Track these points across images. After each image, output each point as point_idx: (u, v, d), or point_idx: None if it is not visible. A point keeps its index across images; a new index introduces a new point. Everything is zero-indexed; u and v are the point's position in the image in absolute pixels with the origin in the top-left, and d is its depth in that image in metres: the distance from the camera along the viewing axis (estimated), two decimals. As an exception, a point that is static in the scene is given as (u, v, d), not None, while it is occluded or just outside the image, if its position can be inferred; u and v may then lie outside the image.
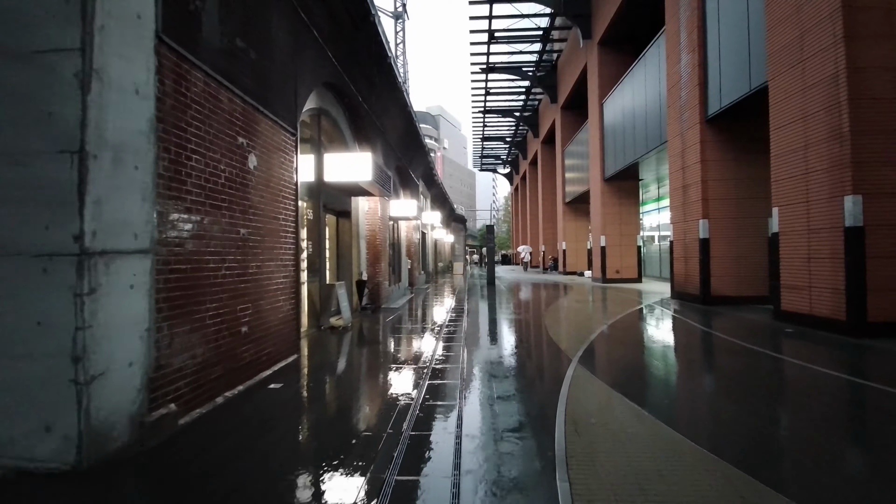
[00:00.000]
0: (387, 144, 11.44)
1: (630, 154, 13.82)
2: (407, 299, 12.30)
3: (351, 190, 8.34)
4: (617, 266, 16.43)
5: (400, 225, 16.00)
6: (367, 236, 10.40)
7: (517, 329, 7.29)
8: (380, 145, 10.58)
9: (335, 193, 8.33)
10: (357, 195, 9.30)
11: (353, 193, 8.99)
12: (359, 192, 8.64)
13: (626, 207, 16.54)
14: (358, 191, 8.42)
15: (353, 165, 7.29)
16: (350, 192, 8.77)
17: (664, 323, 7.56)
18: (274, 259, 4.78)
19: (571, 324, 7.49)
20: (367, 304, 9.75)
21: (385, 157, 11.25)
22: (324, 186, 7.56)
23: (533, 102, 30.87)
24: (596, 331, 6.70)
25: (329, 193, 8.03)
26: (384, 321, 8.30)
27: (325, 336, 6.79)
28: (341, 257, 9.18)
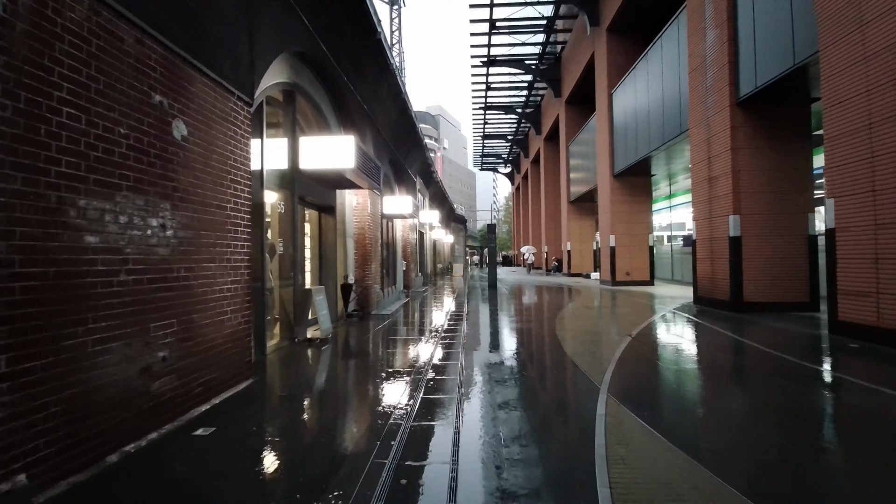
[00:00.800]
0: (378, 135, 10.39)
1: (643, 147, 12.76)
2: (401, 304, 11.23)
3: (333, 180, 7.27)
4: (627, 268, 15.36)
5: (395, 224, 14.94)
6: (356, 235, 9.34)
7: (525, 343, 6.21)
8: (370, 134, 9.53)
9: (315, 185, 7.28)
10: (342, 187, 8.23)
11: (338, 185, 7.93)
12: (343, 183, 7.58)
13: (636, 205, 15.48)
14: (341, 182, 7.36)
15: (334, 151, 6.22)
16: (333, 184, 7.71)
17: (699, 335, 6.48)
18: (216, 260, 3.71)
19: (589, 336, 6.41)
20: (355, 310, 8.68)
21: (377, 148, 10.20)
22: (300, 176, 6.50)
23: (535, 98, 29.84)
24: (620, 346, 5.62)
25: (307, 185, 6.97)
26: (372, 331, 7.23)
27: (299, 351, 5.72)
28: (324, 258, 8.11)
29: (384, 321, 8.31)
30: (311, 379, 4.54)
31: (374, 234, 9.85)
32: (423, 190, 21.56)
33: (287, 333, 6.21)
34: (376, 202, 10.15)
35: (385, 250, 13.17)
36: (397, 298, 12.18)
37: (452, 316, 8.86)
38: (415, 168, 17.07)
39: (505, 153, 43.69)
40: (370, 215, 9.51)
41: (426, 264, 22.56)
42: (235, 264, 4.00)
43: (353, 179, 7.14)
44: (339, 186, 8.07)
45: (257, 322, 5.02)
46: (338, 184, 7.68)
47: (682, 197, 17.32)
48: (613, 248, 15.45)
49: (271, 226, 6.40)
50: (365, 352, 5.76)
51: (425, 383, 4.12)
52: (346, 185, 7.95)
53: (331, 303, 8.02)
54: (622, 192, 15.46)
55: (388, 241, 13.53)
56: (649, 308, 9.36)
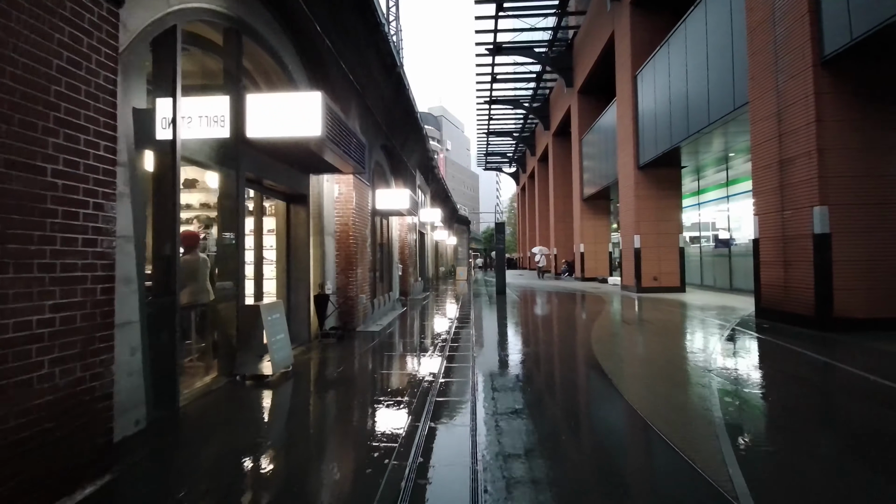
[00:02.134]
0: (368, 113, 8.62)
1: (679, 132, 10.94)
2: (395, 316, 9.43)
3: (302, 158, 5.50)
4: (654, 272, 13.52)
5: (391, 222, 13.17)
6: (338, 232, 7.56)
7: (569, 388, 4.41)
8: (355, 110, 7.76)
9: (278, 165, 5.50)
10: (318, 171, 6.46)
11: (311, 167, 6.16)
12: (316, 164, 5.81)
13: (664, 201, 13.65)
14: (314, 161, 5.59)
15: (293, 112, 4.45)
16: (304, 165, 5.94)
17: (811, 374, 4.65)
18: (10, 268, 1.94)
19: (650, 372, 4.60)
20: (335, 328, 6.88)
21: (365, 128, 8.43)
22: (249, 149, 4.73)
23: (543, 92, 28.10)
24: (708, 394, 3.80)
25: (265, 164, 5.20)
26: (349, 360, 5.44)
27: (235, 396, 3.93)
28: (294, 261, 6.33)
29: (370, 342, 6.51)
30: (226, 460, 2.74)
31: (361, 231, 8.07)
32: (424, 187, 19.81)
33: (225, 369, 4.42)
34: (365, 193, 8.37)
35: (378, 252, 11.39)
36: (392, 309, 10.39)
37: (456, 335, 7.06)
38: (414, 160, 15.32)
39: (510, 151, 41.92)
40: (356, 209, 7.73)
41: (427, 268, 20.78)
42: (70, 275, 2.21)
43: (330, 159, 5.37)
44: (314, 169, 6.30)
45: (159, 360, 3.24)
46: (310, 164, 5.91)
47: (713, 192, 15.49)
48: (638, 250, 13.62)
49: (217, 219, 4.64)
50: (328, 400, 3.97)
51: (415, 465, 2.32)
52: (322, 169, 6.18)
53: (299, 319, 6.23)
54: (648, 185, 13.64)
55: (381, 241, 11.75)
56: (700, 324, 7.53)
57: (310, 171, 6.31)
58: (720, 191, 14.98)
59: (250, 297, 5.74)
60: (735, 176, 14.10)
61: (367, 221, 8.57)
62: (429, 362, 5.15)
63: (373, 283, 10.10)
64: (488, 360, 5.34)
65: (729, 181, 14.27)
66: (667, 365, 4.75)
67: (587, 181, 20.29)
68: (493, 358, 5.40)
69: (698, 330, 6.91)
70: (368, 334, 7.16)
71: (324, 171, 6.42)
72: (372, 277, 10.17)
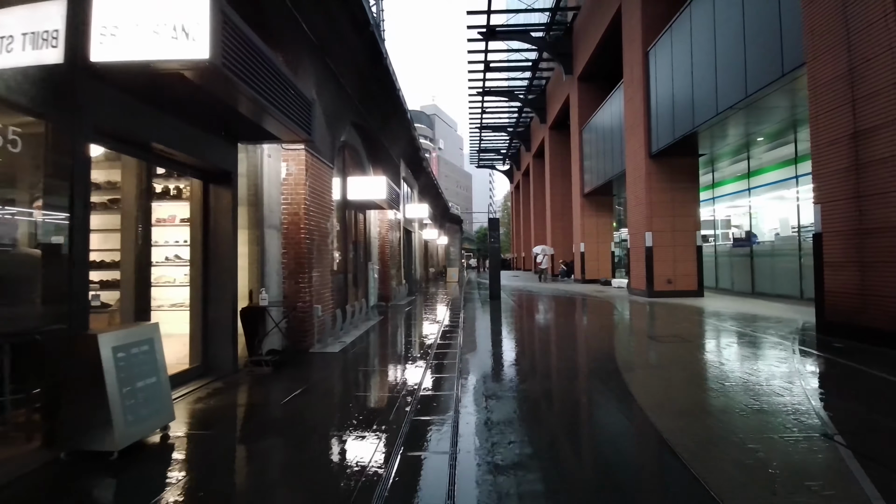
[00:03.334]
0: (332, 79, 6.94)
1: (704, 111, 9.36)
2: (367, 329, 7.74)
3: (199, 110, 3.82)
4: (668, 273, 11.96)
5: (369, 217, 11.49)
6: (285, 225, 5.86)
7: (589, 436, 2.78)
8: (311, 68, 6.07)
9: (169, 120, 3.80)
10: (247, 138, 4.79)
11: (228, 129, 4.47)
12: (239, 125, 4.13)
13: (680, 193, 12.09)
14: (214, 111, 3.91)
15: (161, 18, 2.76)
16: (212, 122, 4.24)
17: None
18: None
19: (735, 434, 2.96)
20: (273, 351, 5.15)
21: (327, 96, 6.76)
22: (104, 86, 3.04)
23: (539, 82, 26.55)
24: (847, 477, 2.17)
25: (141, 114, 3.50)
26: (278, 401, 3.76)
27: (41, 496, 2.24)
28: (214, 263, 4.63)
29: (319, 372, 4.83)
30: None
31: (319, 224, 6.38)
32: (412, 181, 18.14)
33: (63, 434, 2.71)
34: (325, 177, 6.69)
35: (352, 251, 9.70)
36: (365, 319, 8.70)
37: (438, 353, 5.39)
38: (398, 149, 13.64)
39: (504, 147, 40.37)
40: (310, 194, 6.04)
41: (415, 269, 19.11)
42: None
43: (247, 111, 3.71)
44: (237, 134, 4.61)
45: None
46: (224, 123, 4.23)
47: (730, 185, 13.99)
48: (650, 249, 12.05)
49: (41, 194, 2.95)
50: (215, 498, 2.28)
51: None
52: (248, 133, 4.50)
53: (218, 342, 4.55)
54: (662, 176, 12.07)
55: (355, 238, 10.07)
56: (752, 344, 5.93)
57: (234, 137, 4.62)
58: (739, 183, 13.47)
59: (144, 313, 4.05)
60: (758, 166, 12.60)
61: (328, 212, 6.88)
62: (386, 415, 3.48)
63: (340, 290, 8.42)
64: (482, 391, 3.70)
65: (750, 172, 12.77)
66: (761, 425, 3.10)
67: (588, 175, 18.74)
68: (488, 390, 3.76)
69: (758, 354, 5.30)
70: (323, 358, 5.47)
71: (252, 138, 4.73)
72: (340, 282, 8.49)
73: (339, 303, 7.96)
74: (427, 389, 4.04)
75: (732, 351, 5.43)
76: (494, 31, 19.71)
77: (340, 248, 8.91)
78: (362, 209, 10.56)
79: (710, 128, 9.88)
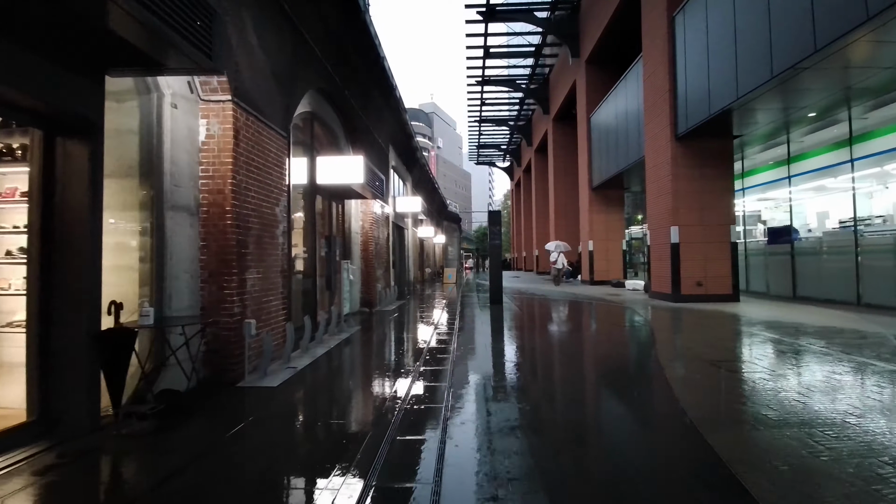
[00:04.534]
0: (283, 18, 5.27)
1: (752, 76, 7.69)
2: (329, 348, 6.05)
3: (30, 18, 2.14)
4: (698, 274, 10.29)
5: (348, 208, 9.83)
6: (205, 205, 4.17)
7: None
8: (267, 20, 4.40)
9: None
10: (114, 62, 3.12)
11: (79, 46, 2.79)
12: (70, 24, 2.45)
13: (711, 182, 10.43)
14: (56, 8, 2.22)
15: None
16: (63, 43, 2.57)
17: None
18: None
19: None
20: (165, 394, 3.43)
21: (271, 48, 5.10)
22: None
23: (542, 72, 24.92)
24: None
25: None
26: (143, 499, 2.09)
27: None
28: (60, 261, 2.95)
29: (236, 423, 3.14)
30: None
31: (261, 209, 4.70)
32: (404, 173, 16.49)
33: None
34: (271, 146, 5.00)
35: (324, 248, 8.03)
36: (337, 332, 7.03)
37: (419, 398, 3.74)
38: (385, 133, 11.98)
39: (504, 142, 38.72)
40: (245, 168, 4.35)
41: (408, 270, 17.44)
42: None
43: None
44: (106, 61, 2.94)
45: None
46: (85, 45, 2.56)
47: (765, 174, 12.36)
48: (677, 246, 10.39)
49: None
50: None
51: None
52: (117, 57, 2.84)
53: (64, 385, 2.87)
54: (691, 162, 10.41)
55: (329, 233, 8.40)
56: (870, 369, 4.26)
57: (94, 66, 2.94)
58: (774, 171, 11.83)
59: None
60: (800, 151, 10.96)
61: (278, 195, 5.20)
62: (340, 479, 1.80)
63: (306, 296, 6.75)
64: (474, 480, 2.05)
65: (791, 157, 11.12)
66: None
67: (597, 167, 17.09)
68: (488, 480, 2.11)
69: (888, 395, 3.63)
70: (251, 398, 3.79)
71: (120, 62, 3.05)
72: (305, 287, 6.83)
73: (299, 314, 6.29)
74: (396, 471, 2.37)
75: (862, 390, 3.75)
76: (494, 11, 18.09)
77: (306, 243, 7.24)
78: (338, 197, 8.89)
79: (731, 111, 8.31)
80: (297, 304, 6.66)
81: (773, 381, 3.90)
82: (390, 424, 3.07)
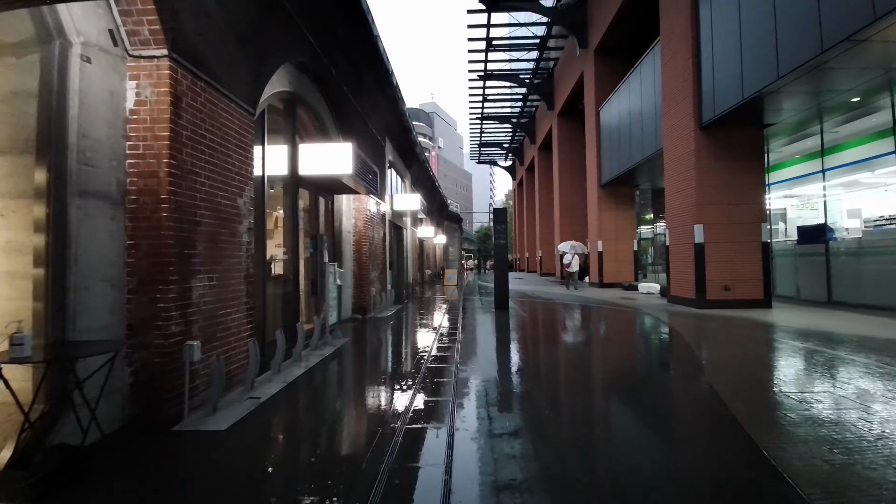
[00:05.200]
0: None
1: (797, 51, 6.73)
2: (308, 368, 5.08)
3: None
4: (725, 278, 9.32)
5: (338, 204, 8.87)
6: (133, 194, 3.21)
7: None
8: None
9: None
10: None
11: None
12: None
13: (740, 175, 9.46)
14: None
15: None
16: None
17: None
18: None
19: None
20: (58, 451, 2.47)
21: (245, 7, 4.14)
22: None
23: (547, 64, 23.98)
24: None
25: None
26: None
27: None
28: None
29: (140, 498, 2.19)
30: None
31: (216, 199, 3.73)
32: (402, 169, 15.53)
33: None
34: (231, 122, 4.03)
35: (309, 249, 7.09)
36: (321, 345, 6.07)
37: (414, 433, 2.79)
38: (380, 123, 11.04)
39: (507, 141, 37.76)
40: (189, 145, 3.39)
41: (407, 271, 16.47)
42: None
43: None
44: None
45: None
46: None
47: (790, 169, 11.40)
48: (701, 246, 9.42)
49: None
50: None
51: None
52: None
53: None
54: (716, 153, 9.44)
55: (315, 231, 7.44)
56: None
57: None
58: (807, 164, 10.87)
59: None
60: (834, 142, 10.01)
61: (240, 183, 4.23)
62: None
63: (288, 304, 5.80)
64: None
65: (825, 149, 10.16)
66: None
67: (607, 163, 16.12)
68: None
69: None
70: (190, 447, 2.83)
71: None
72: (286, 294, 5.89)
73: (275, 326, 5.33)
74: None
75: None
76: (497, 0, 17.14)
77: (287, 243, 6.30)
78: (327, 192, 7.94)
79: (762, 98, 7.40)
80: (273, 314, 5.71)
81: (879, 425, 2.94)
82: (377, 485, 2.11)
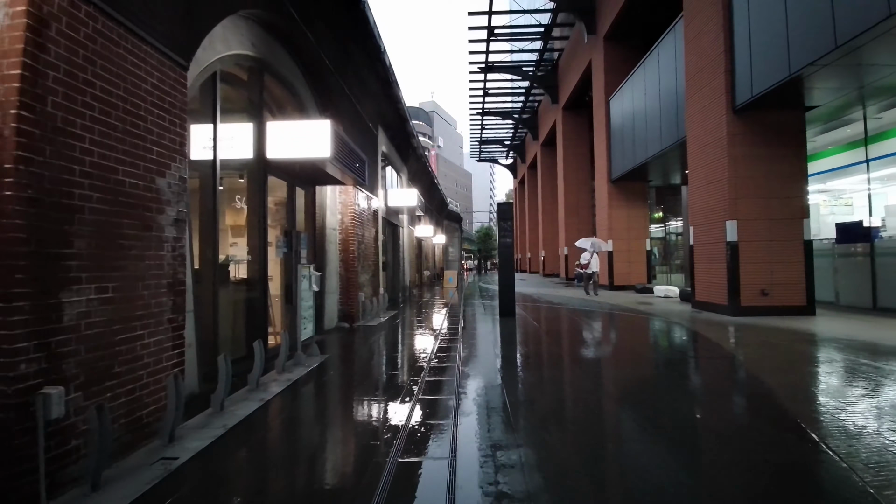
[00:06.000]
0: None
1: (869, 7, 5.63)
2: (273, 396, 3.95)
3: None
4: (762, 281, 8.20)
5: (322, 198, 7.75)
6: None
7: None
8: None
9: None
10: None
11: None
12: None
13: (779, 165, 8.35)
14: None
15: None
16: None
17: None
18: None
19: None
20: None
21: None
22: None
23: (550, 56, 22.86)
24: None
25: None
26: None
27: None
28: None
29: None
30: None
31: (113, 174, 2.59)
32: (399, 163, 14.41)
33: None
34: (131, 61, 2.90)
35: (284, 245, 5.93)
36: (292, 366, 4.95)
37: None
38: (372, 109, 9.92)
39: (508, 138, 36.65)
40: (46, 80, 2.27)
41: (403, 273, 15.35)
42: None
43: None
44: None
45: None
46: None
47: (827, 160, 10.30)
48: (735, 246, 8.30)
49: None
50: None
51: None
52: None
53: None
54: (753, 140, 8.32)
55: (286, 226, 6.32)
56: None
57: None
58: (846, 155, 9.77)
59: None
60: (879, 129, 8.91)
61: (163, 159, 3.12)
62: None
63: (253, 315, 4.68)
64: None
65: (868, 138, 9.06)
66: None
67: (618, 156, 15.01)
68: None
69: None
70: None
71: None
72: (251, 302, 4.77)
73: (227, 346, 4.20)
74: None
75: None
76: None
77: (250, 241, 5.18)
78: (305, 182, 6.82)
79: (800, 79, 6.35)
80: (230, 331, 4.59)
81: None
82: None
